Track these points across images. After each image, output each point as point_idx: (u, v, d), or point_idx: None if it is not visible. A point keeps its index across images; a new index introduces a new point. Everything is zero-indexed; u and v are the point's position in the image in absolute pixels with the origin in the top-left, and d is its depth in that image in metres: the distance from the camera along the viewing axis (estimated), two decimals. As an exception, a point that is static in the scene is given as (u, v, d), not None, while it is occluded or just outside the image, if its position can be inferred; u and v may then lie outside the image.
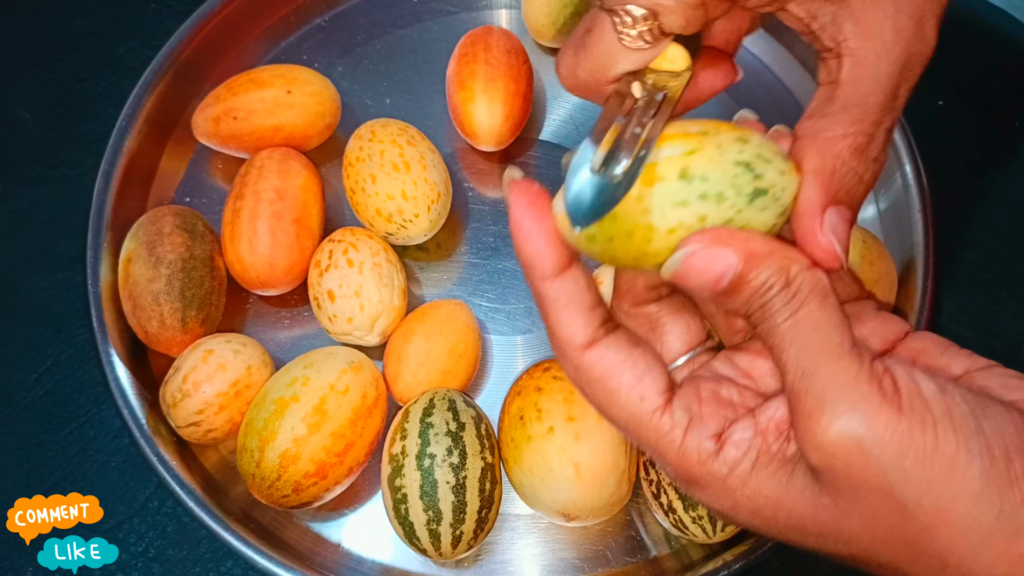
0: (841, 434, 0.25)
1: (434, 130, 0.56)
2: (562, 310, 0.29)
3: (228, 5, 0.58)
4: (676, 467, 0.28)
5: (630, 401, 0.28)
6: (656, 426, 0.28)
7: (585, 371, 0.29)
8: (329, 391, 0.45)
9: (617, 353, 0.29)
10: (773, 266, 0.26)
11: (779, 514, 0.27)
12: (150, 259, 0.49)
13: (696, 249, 0.26)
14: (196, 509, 0.46)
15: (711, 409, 0.29)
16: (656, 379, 0.29)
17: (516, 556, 0.48)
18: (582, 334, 0.29)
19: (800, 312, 0.26)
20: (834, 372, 0.25)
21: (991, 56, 0.61)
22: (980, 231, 0.56)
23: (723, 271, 0.26)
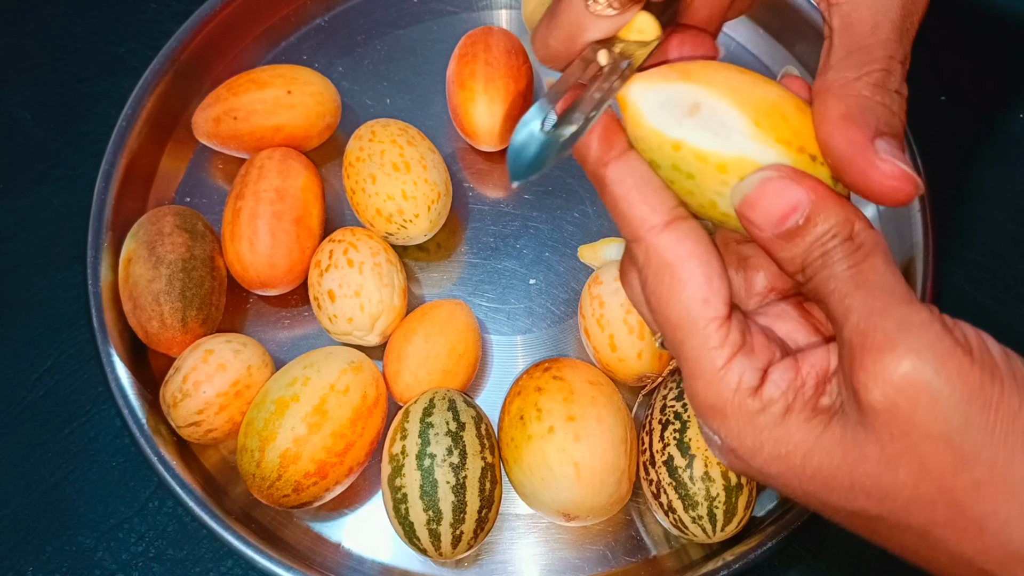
0: (912, 372, 0.24)
1: (434, 130, 0.56)
2: (632, 189, 0.27)
3: (228, 5, 0.58)
4: (707, 387, 0.27)
5: (693, 299, 0.27)
6: (708, 336, 0.27)
7: (657, 253, 0.27)
8: (329, 391, 0.45)
9: (695, 244, 0.27)
10: (840, 215, 0.26)
11: (808, 462, 0.26)
12: (150, 259, 0.49)
13: (774, 176, 0.25)
14: (196, 509, 0.46)
15: (761, 342, 0.28)
16: (724, 287, 0.27)
17: (516, 556, 0.48)
18: (658, 213, 0.27)
19: (866, 263, 0.25)
20: (906, 313, 0.25)
21: (993, 52, 0.61)
22: (981, 230, 0.56)
23: (794, 205, 0.25)
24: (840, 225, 0.26)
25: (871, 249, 0.26)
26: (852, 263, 0.25)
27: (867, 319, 0.25)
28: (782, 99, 0.27)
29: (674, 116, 0.27)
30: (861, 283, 0.25)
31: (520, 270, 0.55)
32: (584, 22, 0.28)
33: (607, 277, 0.49)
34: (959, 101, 0.60)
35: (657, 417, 0.46)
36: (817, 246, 0.26)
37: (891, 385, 0.24)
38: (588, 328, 0.49)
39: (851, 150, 0.26)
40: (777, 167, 0.26)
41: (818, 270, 0.26)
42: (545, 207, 0.56)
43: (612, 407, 0.45)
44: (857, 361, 0.25)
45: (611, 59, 0.28)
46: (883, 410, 0.24)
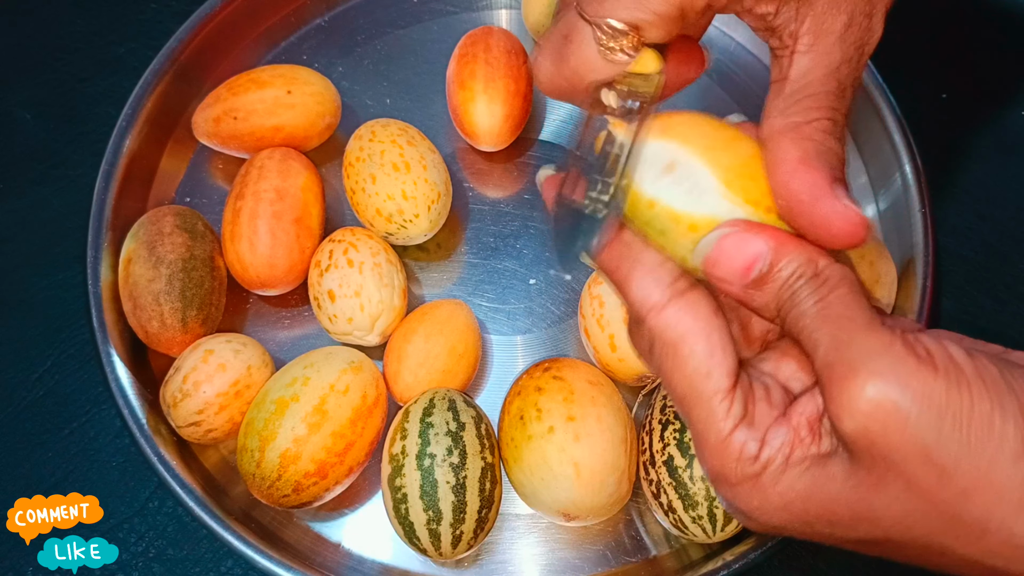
0: (877, 396, 0.24)
1: (434, 130, 0.56)
2: (629, 274, 0.28)
3: (228, 5, 0.58)
4: (712, 456, 0.28)
5: (697, 373, 0.27)
6: (712, 409, 0.27)
7: (660, 333, 0.28)
8: (329, 391, 0.45)
9: (695, 319, 0.27)
10: (802, 256, 0.26)
11: (810, 505, 0.27)
12: (150, 259, 0.49)
13: (730, 232, 0.26)
14: (196, 509, 0.46)
15: (763, 410, 0.28)
16: (727, 358, 0.27)
17: (516, 556, 0.48)
18: (656, 294, 0.27)
19: (832, 295, 0.26)
20: (868, 340, 0.25)
21: (994, 49, 0.61)
22: (982, 228, 0.56)
23: (754, 257, 0.26)
24: (804, 265, 0.26)
25: (837, 282, 0.26)
26: (818, 298, 0.26)
27: (832, 351, 0.25)
28: (754, 158, 0.28)
29: (651, 173, 0.28)
30: (827, 316, 0.26)
31: (520, 270, 0.55)
32: (595, 64, 0.29)
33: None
34: (960, 99, 0.60)
35: (657, 417, 0.46)
36: (786, 289, 0.26)
37: (859, 412, 0.24)
38: (588, 328, 0.49)
39: (812, 194, 0.27)
40: (732, 222, 0.26)
41: (788, 309, 0.26)
42: (545, 207, 0.56)
43: (612, 407, 0.45)
44: (827, 394, 0.25)
45: (619, 101, 0.29)
46: (858, 438, 0.25)
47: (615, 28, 0.28)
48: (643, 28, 0.28)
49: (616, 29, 0.28)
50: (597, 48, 0.28)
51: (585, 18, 0.28)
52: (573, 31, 0.29)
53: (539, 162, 0.58)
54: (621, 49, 0.28)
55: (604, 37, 0.28)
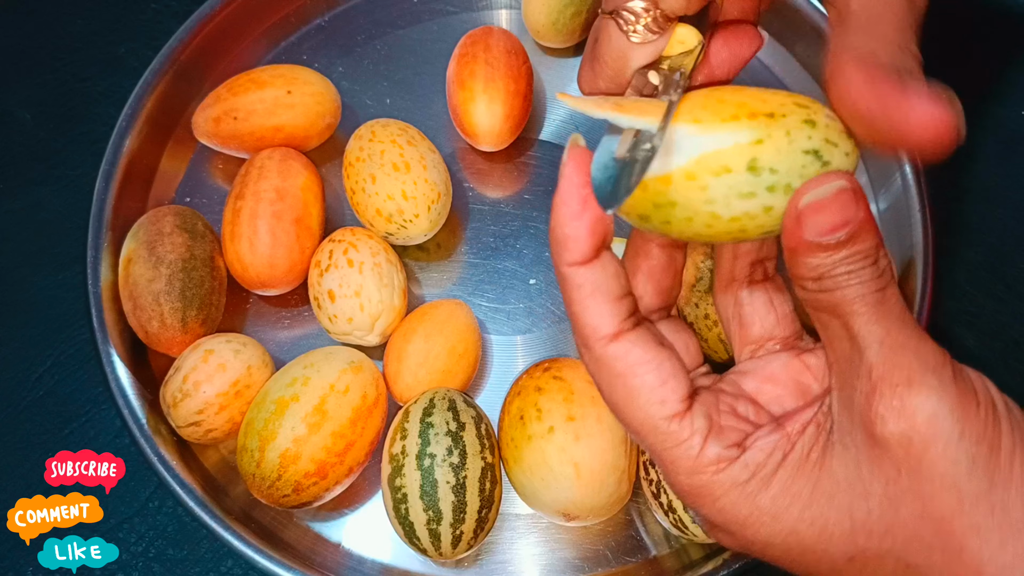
0: (931, 410, 0.24)
1: (434, 130, 0.56)
2: (588, 297, 0.27)
3: (228, 5, 0.58)
4: (689, 474, 0.27)
5: (649, 403, 0.27)
6: (672, 432, 0.27)
7: (607, 364, 0.28)
8: (329, 391, 0.45)
9: (644, 351, 0.27)
10: (876, 240, 0.26)
11: (806, 512, 0.26)
12: (150, 259, 0.49)
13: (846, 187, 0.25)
14: (196, 509, 0.46)
15: (731, 421, 0.28)
16: (680, 384, 0.28)
17: (516, 556, 0.48)
18: (608, 324, 0.27)
19: (888, 289, 0.26)
20: (925, 352, 0.25)
21: (995, 48, 0.61)
22: (982, 227, 0.56)
23: (850, 219, 0.25)
24: (874, 249, 0.26)
25: (890, 279, 0.26)
26: (878, 287, 0.26)
27: (889, 351, 0.25)
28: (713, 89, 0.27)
29: None
30: (885, 312, 0.26)
31: (520, 270, 0.55)
32: (628, 54, 0.28)
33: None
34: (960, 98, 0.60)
35: (657, 417, 0.46)
36: (845, 263, 0.26)
37: (909, 421, 0.24)
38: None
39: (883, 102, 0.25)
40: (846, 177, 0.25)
41: (841, 285, 0.26)
42: (545, 207, 0.56)
43: (612, 407, 0.45)
44: (876, 393, 0.25)
45: (662, 77, 0.28)
46: (896, 445, 0.25)
47: (635, 10, 0.28)
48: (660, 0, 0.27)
49: (636, 11, 0.28)
50: (624, 37, 0.28)
51: (606, 13, 0.28)
52: (600, 32, 0.29)
53: (539, 162, 0.58)
54: (647, 28, 0.28)
55: (627, 23, 0.28)
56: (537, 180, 0.57)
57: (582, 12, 0.57)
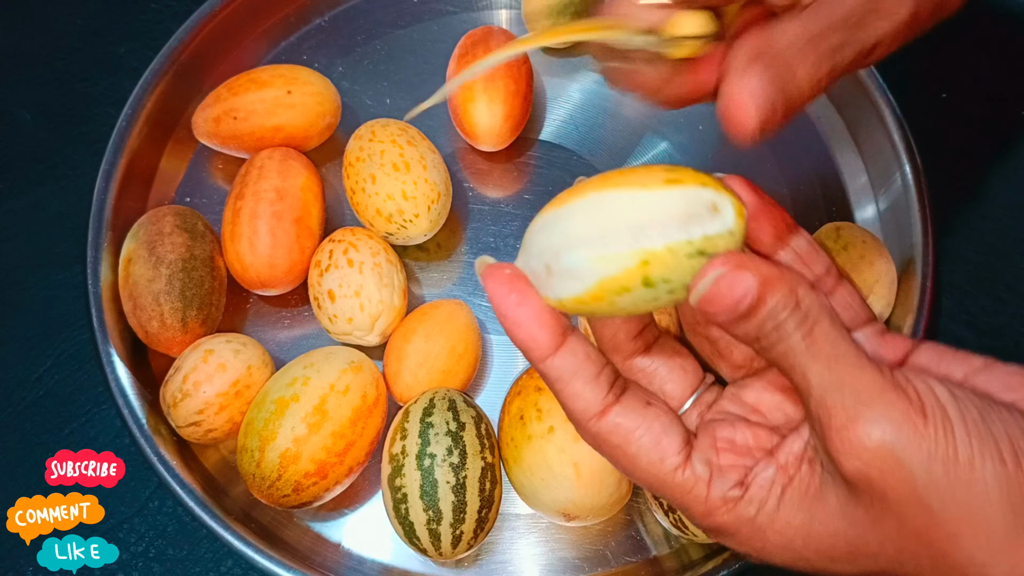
0: (876, 441, 0.25)
1: (434, 130, 0.56)
2: (567, 386, 0.29)
3: (228, 5, 0.58)
4: (704, 517, 0.29)
5: (651, 463, 0.29)
6: (679, 484, 0.29)
7: (603, 439, 0.30)
8: (329, 391, 0.45)
9: (631, 419, 0.29)
10: (784, 288, 0.27)
11: (810, 541, 0.28)
12: (150, 259, 0.49)
13: (723, 272, 0.26)
14: (196, 509, 0.46)
15: (730, 459, 0.29)
16: (673, 439, 0.29)
17: (516, 556, 0.48)
18: (593, 405, 0.29)
19: (816, 330, 0.27)
20: (861, 383, 0.26)
21: (995, 48, 0.61)
22: (982, 227, 0.56)
23: (744, 293, 0.26)
24: (787, 296, 0.27)
25: (817, 313, 0.27)
26: (804, 332, 0.27)
27: (827, 395, 0.26)
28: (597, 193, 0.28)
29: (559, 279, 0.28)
30: (815, 354, 0.27)
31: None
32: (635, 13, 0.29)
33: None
34: (960, 98, 0.60)
35: (657, 417, 0.46)
36: (769, 320, 0.27)
37: (859, 458, 0.26)
38: (588, 328, 0.49)
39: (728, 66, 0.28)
40: (724, 259, 0.27)
41: (774, 343, 0.27)
42: (545, 207, 0.56)
43: (612, 407, 0.45)
44: (826, 436, 0.26)
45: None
46: (858, 480, 0.26)
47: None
48: None
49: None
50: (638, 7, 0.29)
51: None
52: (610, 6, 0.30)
53: (539, 162, 0.58)
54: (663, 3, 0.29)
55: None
56: (537, 180, 0.57)
57: (582, 12, 0.57)
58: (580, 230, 0.27)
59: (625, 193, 0.27)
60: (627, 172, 0.28)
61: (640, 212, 0.27)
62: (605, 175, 0.28)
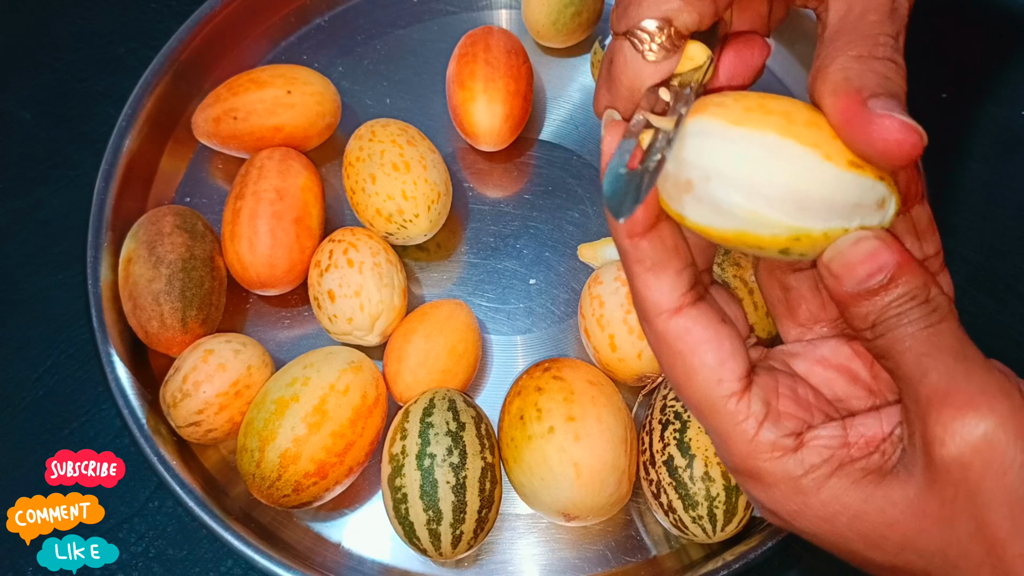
0: (989, 434, 0.24)
1: (434, 130, 0.56)
2: (648, 271, 0.28)
3: (228, 5, 0.58)
4: (743, 458, 0.28)
5: (708, 382, 0.28)
6: (731, 412, 0.28)
7: (668, 341, 0.28)
8: (329, 391, 0.45)
9: (704, 328, 0.28)
10: (920, 279, 0.26)
11: (856, 523, 0.27)
12: (150, 259, 0.49)
13: (867, 237, 0.26)
14: (196, 509, 0.46)
15: (789, 407, 0.28)
16: (739, 363, 0.28)
17: (516, 556, 0.48)
18: (668, 299, 0.28)
19: (942, 325, 0.26)
20: (988, 379, 0.25)
21: (995, 48, 0.61)
22: (982, 228, 0.56)
23: (881, 266, 0.26)
24: (919, 288, 0.26)
25: (945, 314, 0.26)
26: (928, 324, 0.26)
27: (948, 378, 0.25)
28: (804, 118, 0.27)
29: None
30: (939, 345, 0.26)
31: (520, 270, 0.55)
32: (642, 73, 0.29)
33: (607, 277, 0.49)
34: (961, 98, 0.60)
35: (657, 417, 0.46)
36: (894, 305, 0.26)
37: (968, 443, 0.25)
38: (588, 328, 0.49)
39: (846, 116, 0.26)
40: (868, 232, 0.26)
41: (892, 328, 0.26)
42: (545, 207, 0.56)
43: (612, 407, 0.45)
44: (935, 416, 0.25)
45: (673, 93, 0.28)
46: (955, 467, 0.25)
47: (649, 30, 0.28)
48: (674, 18, 0.28)
49: (650, 31, 0.28)
50: (640, 56, 0.28)
51: (619, 34, 0.29)
52: (615, 52, 0.29)
53: (539, 162, 0.58)
54: (661, 47, 0.28)
55: (641, 42, 0.28)
56: (537, 180, 0.57)
57: (582, 12, 0.57)
58: (748, 169, 0.26)
59: (810, 156, 0.25)
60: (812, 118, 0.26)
61: (816, 186, 0.25)
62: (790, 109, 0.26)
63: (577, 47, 0.61)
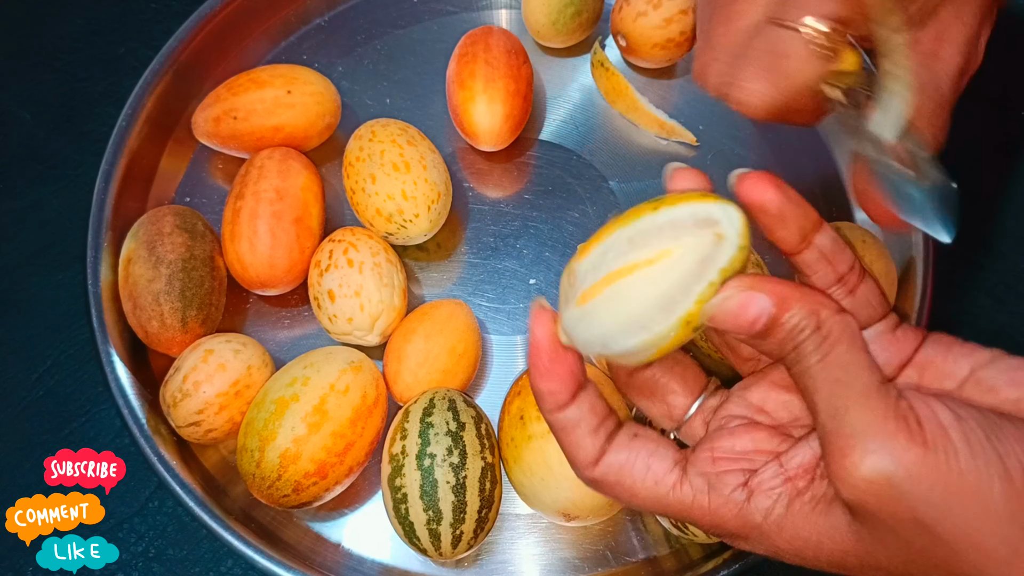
0: (872, 471, 0.26)
1: (434, 130, 0.56)
2: (570, 435, 0.31)
3: (228, 5, 0.58)
4: (713, 528, 0.30)
5: (648, 488, 0.30)
6: (679, 500, 0.30)
7: (601, 481, 0.31)
8: (329, 391, 0.45)
9: (622, 454, 0.31)
10: (804, 309, 0.27)
11: (820, 553, 0.28)
12: (150, 259, 0.49)
13: (732, 294, 0.27)
14: (196, 509, 0.46)
15: (727, 465, 0.30)
16: (663, 460, 0.30)
17: (516, 556, 0.48)
18: (590, 453, 0.31)
19: (831, 354, 0.27)
20: (863, 412, 0.26)
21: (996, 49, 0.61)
22: (982, 228, 0.56)
23: (758, 314, 0.27)
24: (806, 317, 0.27)
25: (837, 337, 0.27)
26: (820, 356, 0.27)
27: (831, 420, 0.27)
28: None
29: None
30: (826, 378, 0.27)
31: (520, 270, 0.55)
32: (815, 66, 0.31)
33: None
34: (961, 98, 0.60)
35: (657, 417, 0.46)
36: (788, 340, 0.27)
37: (856, 486, 0.26)
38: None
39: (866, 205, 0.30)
40: (736, 281, 0.27)
41: (793, 363, 0.28)
42: (545, 207, 0.56)
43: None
44: (828, 461, 0.27)
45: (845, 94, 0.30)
46: (858, 505, 0.26)
47: (820, 28, 0.29)
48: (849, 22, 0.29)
49: (821, 30, 0.29)
50: (813, 50, 0.29)
51: (788, 25, 0.30)
52: (781, 43, 0.30)
53: (539, 162, 0.58)
54: (833, 44, 0.29)
55: (816, 36, 0.29)
56: (537, 180, 0.57)
57: (582, 12, 0.57)
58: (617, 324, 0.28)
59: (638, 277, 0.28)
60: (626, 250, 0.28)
61: (659, 287, 0.27)
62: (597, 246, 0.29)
63: (577, 47, 0.61)
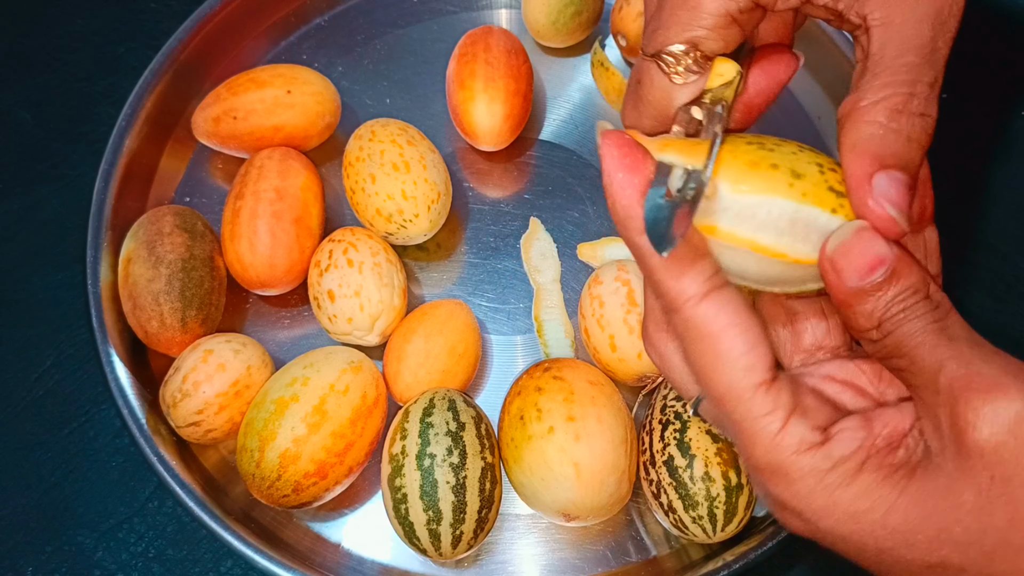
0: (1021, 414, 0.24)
1: (434, 130, 0.56)
2: (668, 261, 0.27)
3: (228, 5, 0.58)
4: (767, 452, 0.27)
5: (736, 369, 0.26)
6: (756, 403, 0.26)
7: (696, 327, 0.27)
8: (329, 391, 0.45)
9: (733, 313, 0.27)
10: (920, 274, 0.26)
11: (889, 518, 0.26)
12: (150, 259, 0.49)
13: (866, 226, 0.26)
14: (196, 509, 0.46)
15: (815, 402, 0.28)
16: (767, 352, 0.27)
17: (516, 556, 0.48)
18: (694, 285, 0.26)
19: (948, 318, 0.26)
20: (1007, 362, 0.25)
21: (996, 49, 0.61)
22: (982, 227, 0.56)
23: (882, 259, 0.25)
24: (920, 283, 0.26)
25: (948, 311, 0.26)
26: (935, 318, 0.26)
27: (969, 365, 0.25)
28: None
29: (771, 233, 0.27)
30: (952, 336, 0.26)
31: (520, 270, 0.55)
32: (672, 94, 0.29)
33: (607, 277, 0.49)
34: (961, 98, 0.60)
35: (657, 417, 0.46)
36: (897, 301, 0.26)
37: (1001, 425, 0.24)
38: (588, 328, 0.49)
39: (851, 184, 0.26)
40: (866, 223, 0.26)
41: (900, 324, 0.26)
42: (545, 207, 0.56)
43: (612, 407, 0.45)
44: (963, 402, 0.25)
45: (705, 111, 0.29)
46: (990, 449, 0.25)
47: (675, 53, 0.28)
48: (700, 43, 0.28)
49: (676, 54, 0.28)
50: (667, 77, 0.29)
51: (647, 56, 0.29)
52: (642, 73, 0.29)
53: (539, 162, 0.58)
54: (688, 69, 0.28)
55: (668, 65, 0.28)
56: (537, 180, 0.57)
57: (582, 12, 0.57)
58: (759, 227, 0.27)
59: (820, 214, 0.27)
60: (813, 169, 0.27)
61: None
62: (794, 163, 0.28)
63: (577, 47, 0.61)
